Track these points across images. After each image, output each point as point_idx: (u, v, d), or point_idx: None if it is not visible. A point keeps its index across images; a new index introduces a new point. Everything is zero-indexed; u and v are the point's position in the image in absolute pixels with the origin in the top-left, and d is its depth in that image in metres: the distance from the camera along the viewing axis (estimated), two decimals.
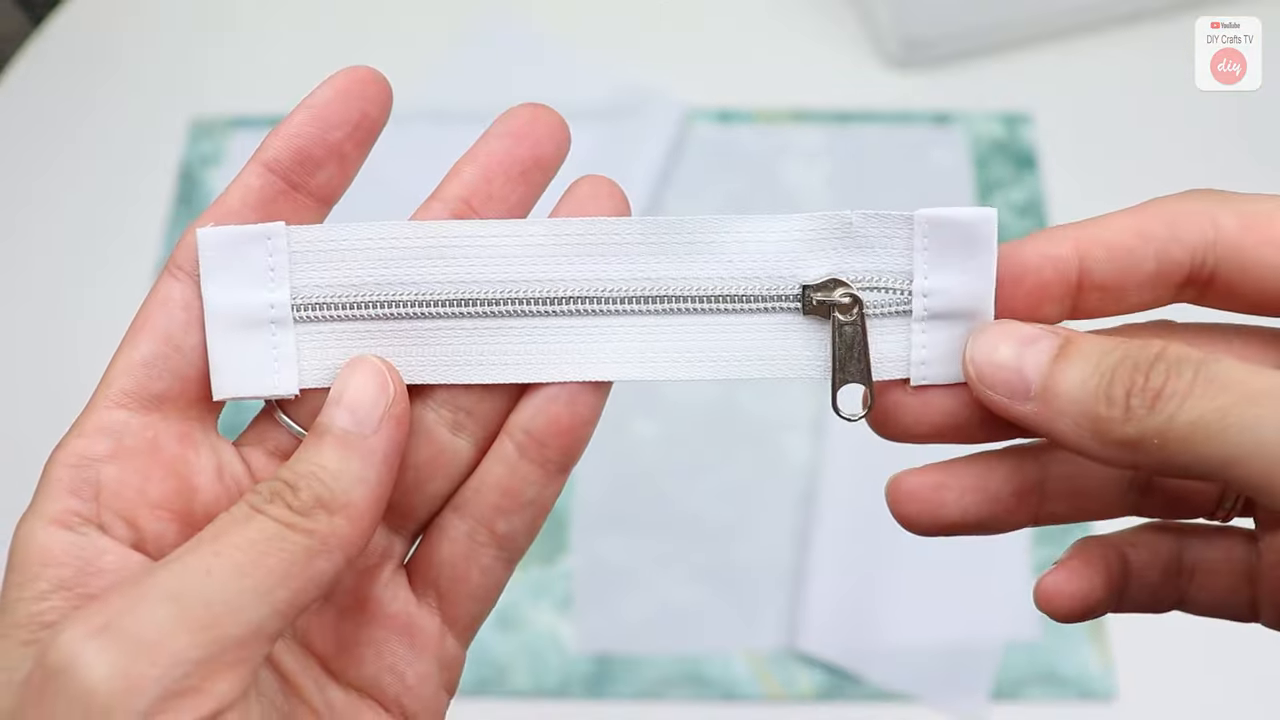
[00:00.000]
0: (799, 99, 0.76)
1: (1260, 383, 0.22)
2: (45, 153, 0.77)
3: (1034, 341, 0.25)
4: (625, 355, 0.27)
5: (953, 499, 0.28)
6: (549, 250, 0.27)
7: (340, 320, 0.27)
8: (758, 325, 0.27)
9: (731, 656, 0.60)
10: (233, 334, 0.27)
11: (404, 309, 0.27)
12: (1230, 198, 0.26)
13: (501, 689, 0.60)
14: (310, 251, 0.27)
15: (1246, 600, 0.29)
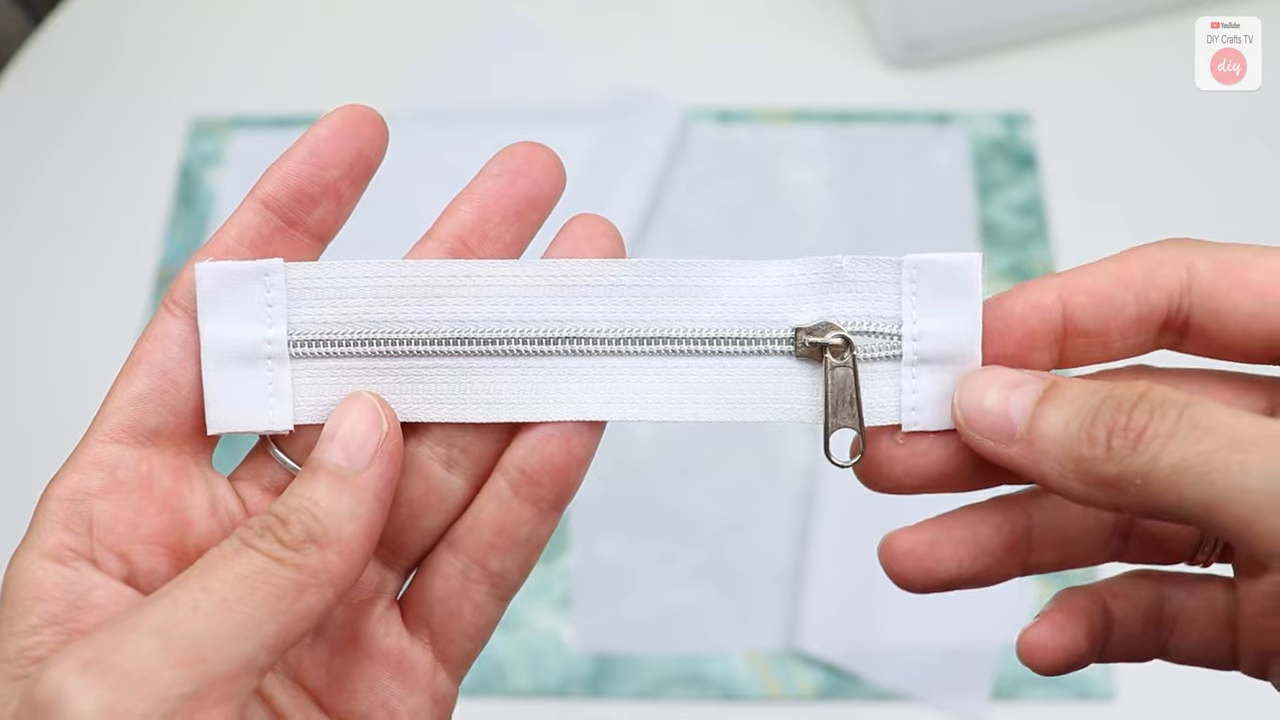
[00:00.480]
0: (799, 99, 0.76)
1: (1245, 428, 0.22)
2: (45, 153, 0.77)
3: (1019, 385, 0.25)
4: (618, 395, 0.28)
5: (947, 555, 0.28)
6: (543, 291, 0.28)
7: (336, 357, 0.28)
8: (750, 368, 0.28)
9: (731, 656, 0.60)
10: (229, 369, 0.27)
11: (399, 347, 0.28)
12: (1207, 245, 0.26)
13: (501, 689, 0.60)
14: (307, 288, 0.28)
15: (1227, 649, 0.29)
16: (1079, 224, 0.71)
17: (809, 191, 0.72)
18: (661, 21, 0.80)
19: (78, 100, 0.79)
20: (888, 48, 0.76)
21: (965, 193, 0.72)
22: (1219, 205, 0.71)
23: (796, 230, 0.71)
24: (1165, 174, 0.72)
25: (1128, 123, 0.75)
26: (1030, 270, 0.69)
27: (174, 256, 0.72)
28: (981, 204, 0.71)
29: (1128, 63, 0.76)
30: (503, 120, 0.75)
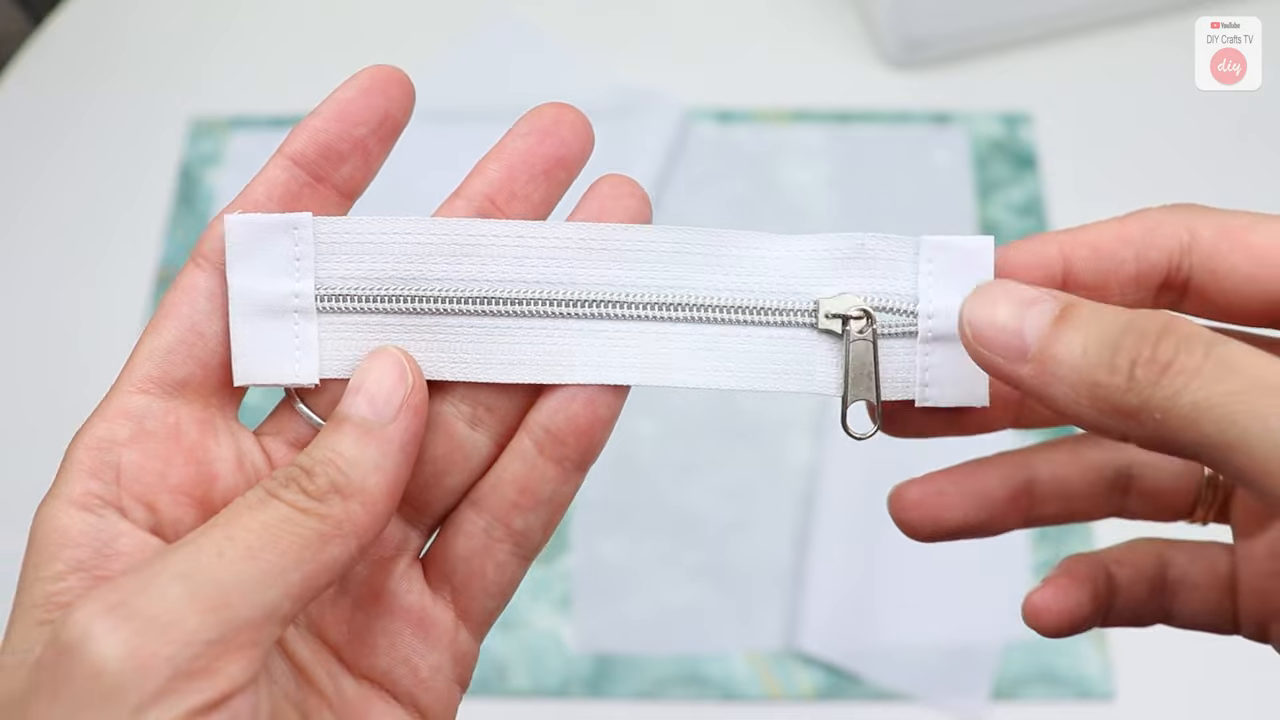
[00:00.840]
0: (799, 99, 0.76)
1: (1274, 373, 0.22)
2: (45, 153, 0.77)
3: (1034, 303, 0.25)
4: (642, 360, 0.28)
5: (954, 505, 0.29)
6: (572, 253, 0.28)
7: (363, 312, 0.28)
8: (773, 338, 0.28)
9: (731, 656, 0.60)
10: (256, 321, 0.27)
11: (426, 304, 0.28)
12: (1210, 210, 0.27)
13: (501, 689, 0.60)
14: (336, 243, 0.28)
15: (1228, 613, 0.30)
16: (1079, 224, 0.71)
17: (809, 191, 0.72)
18: (661, 21, 0.80)
19: (77, 100, 0.79)
20: (888, 48, 0.76)
21: (965, 193, 0.72)
22: (1220, 205, 0.71)
23: (796, 230, 0.71)
24: (1165, 174, 0.72)
25: (1128, 123, 0.75)
26: None
27: (174, 256, 0.72)
28: (981, 204, 0.71)
29: (1128, 63, 0.76)
30: (503, 120, 0.75)
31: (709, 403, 0.66)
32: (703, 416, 0.66)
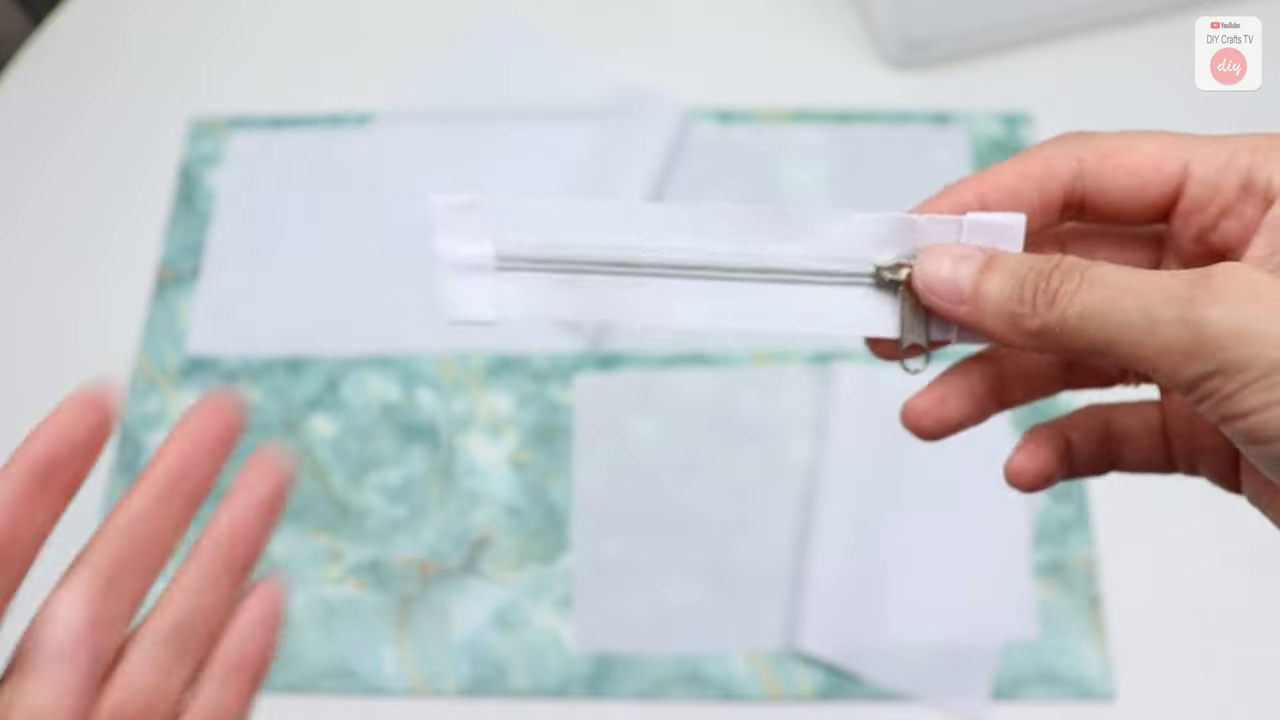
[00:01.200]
0: (799, 99, 0.76)
1: (1129, 280, 0.29)
2: (46, 152, 0.77)
3: (965, 258, 0.32)
4: (740, 309, 0.35)
5: (953, 405, 0.35)
6: (684, 227, 0.34)
7: (527, 270, 0.34)
8: (840, 294, 0.34)
9: (731, 656, 0.60)
10: (455, 277, 0.34)
11: (571, 265, 0.34)
12: (1094, 136, 0.33)
13: (501, 688, 0.60)
14: (508, 217, 0.34)
15: (1164, 457, 0.36)
16: None
17: (809, 191, 0.72)
18: (661, 21, 0.80)
19: (78, 100, 0.79)
20: (888, 48, 0.76)
21: None
22: None
23: None
24: None
25: (1128, 123, 0.74)
26: None
27: (174, 256, 0.72)
28: None
29: (1128, 63, 0.76)
30: (503, 120, 0.75)
31: (709, 403, 0.66)
32: (703, 417, 0.66)
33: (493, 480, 0.65)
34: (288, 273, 0.71)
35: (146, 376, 0.68)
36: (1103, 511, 0.63)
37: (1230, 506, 0.63)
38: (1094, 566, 0.61)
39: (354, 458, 0.66)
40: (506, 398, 0.67)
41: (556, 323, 0.63)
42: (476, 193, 0.34)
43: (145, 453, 0.66)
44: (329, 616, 0.62)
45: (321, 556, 0.63)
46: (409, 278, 0.70)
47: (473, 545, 0.63)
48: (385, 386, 0.67)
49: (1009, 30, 0.76)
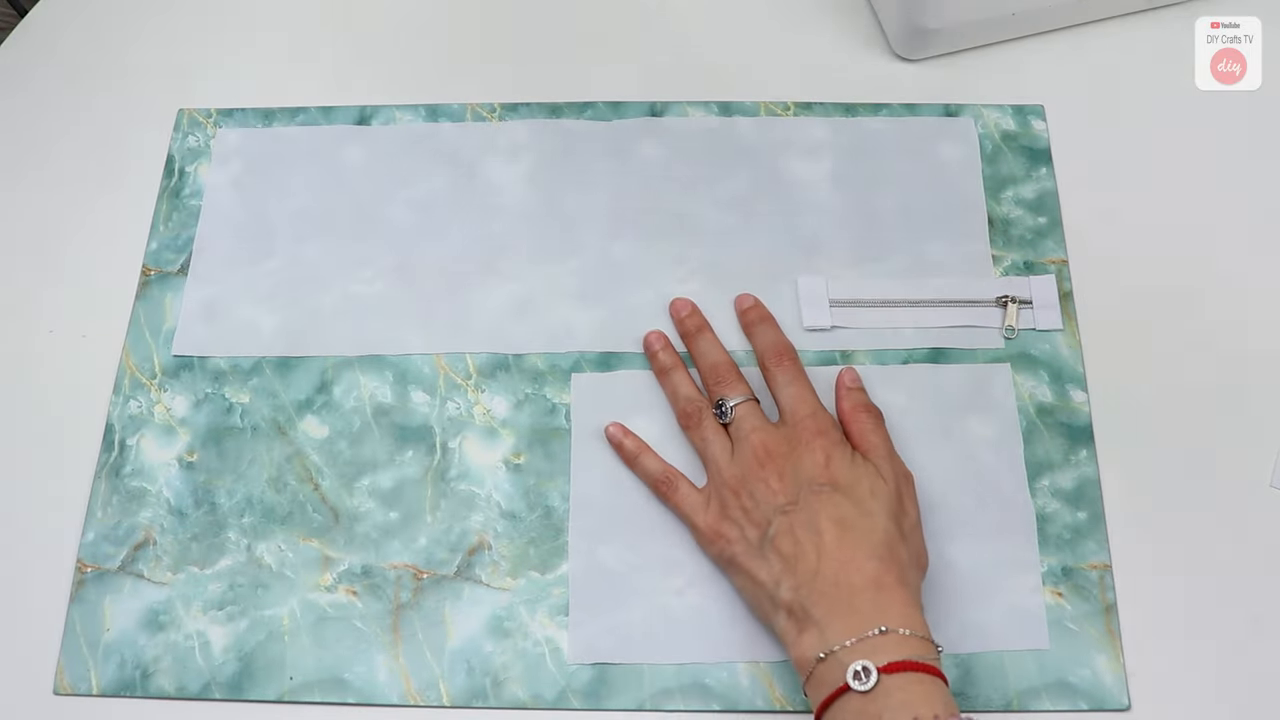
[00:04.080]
0: (806, 90, 0.74)
1: None
2: (28, 145, 0.75)
3: None
4: (916, 322, 0.66)
5: None
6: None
7: (841, 306, 0.66)
8: (976, 310, 0.65)
9: (734, 666, 0.58)
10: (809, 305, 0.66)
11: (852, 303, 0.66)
12: None
13: (498, 699, 0.58)
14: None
15: None
16: (1092, 218, 0.69)
17: (815, 184, 0.70)
18: (665, 12, 0.78)
19: (63, 92, 0.77)
20: (897, 38, 0.75)
21: (975, 186, 0.70)
22: (1232, 200, 0.69)
23: (801, 222, 0.69)
24: (1178, 167, 0.70)
25: (1140, 115, 0.72)
26: (1042, 266, 0.67)
27: (160, 252, 0.70)
28: (992, 198, 0.69)
29: (1140, 55, 0.74)
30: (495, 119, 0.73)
31: None
32: None
33: (488, 484, 0.63)
34: (277, 270, 0.69)
35: (131, 376, 0.66)
36: (1119, 517, 0.61)
37: (1251, 511, 0.62)
38: (1108, 573, 0.59)
39: (346, 461, 0.64)
40: (502, 399, 0.65)
41: (853, 327, 0.67)
42: (815, 280, 0.66)
43: (131, 454, 0.64)
44: (320, 625, 0.60)
45: (313, 563, 0.61)
46: (405, 277, 0.68)
47: (468, 551, 0.61)
48: (378, 387, 0.65)
49: (1020, 21, 0.74)
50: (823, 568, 0.54)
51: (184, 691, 0.59)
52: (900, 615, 0.52)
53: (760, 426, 0.60)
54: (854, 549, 0.54)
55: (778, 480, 0.57)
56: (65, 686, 0.59)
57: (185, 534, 0.62)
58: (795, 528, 0.55)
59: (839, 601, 0.53)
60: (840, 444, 0.58)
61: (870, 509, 0.56)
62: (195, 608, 0.61)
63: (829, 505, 0.56)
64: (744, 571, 0.57)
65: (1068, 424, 0.63)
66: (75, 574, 0.61)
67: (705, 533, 0.59)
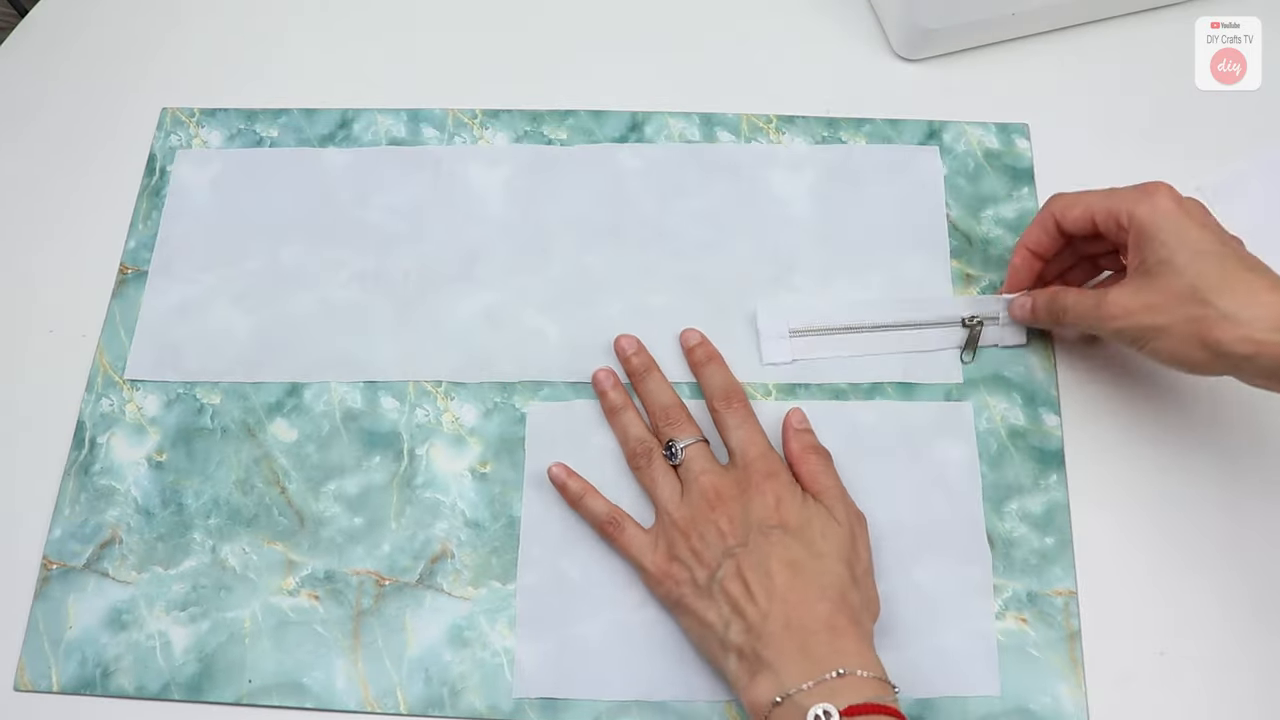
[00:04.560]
0: (786, 105, 0.73)
1: (1085, 295, 0.59)
2: (29, 145, 0.75)
3: (1025, 301, 0.63)
4: (885, 347, 0.65)
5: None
6: (876, 305, 0.66)
7: (802, 335, 0.66)
8: (942, 332, 0.65)
9: (691, 684, 0.58)
10: (769, 341, 0.66)
11: (821, 330, 0.66)
12: (1060, 198, 0.61)
13: (454, 709, 0.58)
14: (793, 312, 0.67)
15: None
16: None
17: (790, 200, 0.70)
18: (649, 26, 0.78)
19: (63, 92, 0.77)
20: (897, 39, 0.75)
21: (939, 210, 0.69)
22: None
23: (774, 237, 0.69)
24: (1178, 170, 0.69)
25: (1141, 116, 0.71)
26: None
27: (138, 251, 0.70)
28: (972, 216, 0.69)
29: (1140, 55, 0.73)
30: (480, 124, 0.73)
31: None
32: None
33: (453, 492, 0.63)
34: (251, 274, 0.69)
35: (105, 375, 0.66)
36: (1087, 543, 0.60)
37: (1221, 541, 0.61)
38: (1073, 600, 0.58)
39: (313, 465, 0.64)
40: (471, 407, 0.65)
41: (813, 358, 0.65)
42: (775, 309, 0.65)
43: (101, 453, 0.64)
44: (281, 628, 0.60)
45: (276, 566, 0.61)
46: (378, 286, 0.68)
47: (431, 559, 0.61)
48: (348, 392, 0.65)
49: (1017, 23, 0.73)
50: (773, 610, 0.53)
51: (143, 691, 0.59)
52: (857, 656, 0.51)
53: (709, 469, 0.59)
54: (805, 591, 0.53)
55: (727, 523, 0.57)
56: (26, 683, 0.59)
57: (151, 534, 0.62)
58: (744, 569, 0.55)
59: (792, 644, 0.52)
60: (790, 486, 0.58)
61: (821, 550, 0.55)
62: (158, 608, 0.61)
63: (779, 547, 0.55)
64: (692, 613, 0.56)
65: (1039, 448, 0.62)
66: (40, 571, 0.62)
67: (653, 574, 0.58)
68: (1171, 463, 0.61)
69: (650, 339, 0.66)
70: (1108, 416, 0.63)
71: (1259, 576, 0.58)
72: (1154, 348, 0.55)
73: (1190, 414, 0.63)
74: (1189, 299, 0.53)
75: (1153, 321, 0.54)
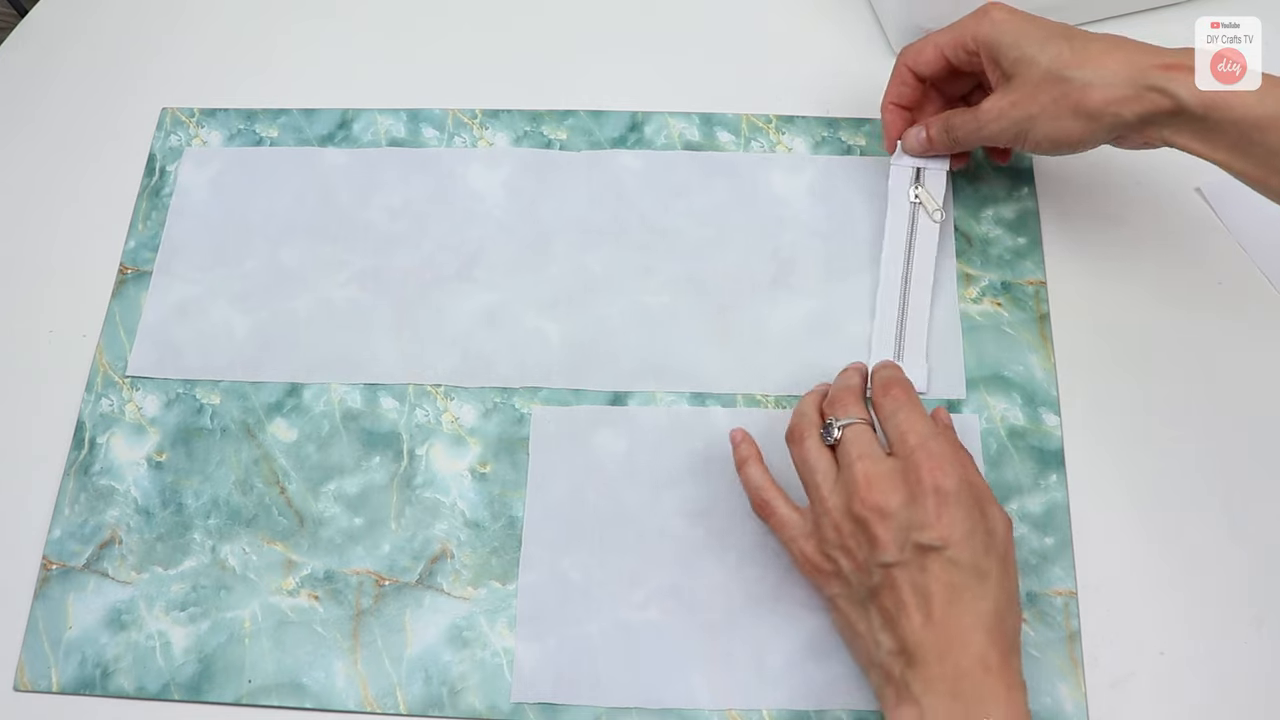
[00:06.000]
0: (786, 105, 0.73)
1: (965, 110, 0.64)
2: (28, 144, 0.75)
3: (918, 133, 0.67)
4: None
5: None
6: None
7: None
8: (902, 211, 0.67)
9: (691, 683, 0.58)
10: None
11: None
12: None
13: (454, 709, 0.58)
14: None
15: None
16: (1074, 237, 0.68)
17: (791, 200, 0.70)
18: (655, 22, 0.78)
19: (63, 91, 0.77)
20: (897, 39, 0.74)
21: (949, 201, 0.69)
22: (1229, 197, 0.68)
23: (779, 229, 0.69)
24: (1178, 170, 0.69)
25: None
26: (1019, 287, 0.66)
27: (138, 251, 0.70)
28: (971, 217, 0.69)
29: None
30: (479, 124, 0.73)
31: (681, 416, 0.64)
32: (673, 432, 0.64)
33: (453, 492, 0.63)
34: (250, 274, 0.69)
35: (105, 375, 0.66)
36: (1087, 543, 0.60)
37: (1220, 542, 0.61)
38: (1073, 600, 0.58)
39: (313, 465, 0.64)
40: (471, 407, 0.65)
41: None
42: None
43: (101, 453, 0.64)
44: (281, 628, 0.60)
45: (276, 566, 0.61)
46: (378, 286, 0.68)
47: (430, 559, 0.61)
48: (348, 392, 0.65)
49: None
50: (927, 639, 0.50)
51: (143, 691, 0.59)
52: (1004, 706, 0.49)
53: (867, 453, 0.54)
54: (961, 619, 0.50)
55: (883, 528, 0.52)
56: (25, 683, 0.59)
57: (151, 534, 0.62)
58: (900, 586, 0.51)
59: (942, 682, 0.49)
60: (958, 488, 0.52)
61: (985, 570, 0.51)
62: (158, 608, 0.61)
63: (938, 566, 0.51)
64: (842, 614, 0.54)
65: (1039, 447, 0.62)
66: (40, 571, 0.62)
67: (803, 564, 0.56)
68: (1171, 463, 0.61)
69: (650, 339, 0.66)
70: (1108, 416, 0.63)
71: (1259, 576, 0.58)
72: (1034, 137, 0.60)
73: (1190, 414, 0.63)
74: (1051, 81, 0.58)
75: (1025, 112, 0.59)
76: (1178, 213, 0.68)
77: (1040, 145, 0.60)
